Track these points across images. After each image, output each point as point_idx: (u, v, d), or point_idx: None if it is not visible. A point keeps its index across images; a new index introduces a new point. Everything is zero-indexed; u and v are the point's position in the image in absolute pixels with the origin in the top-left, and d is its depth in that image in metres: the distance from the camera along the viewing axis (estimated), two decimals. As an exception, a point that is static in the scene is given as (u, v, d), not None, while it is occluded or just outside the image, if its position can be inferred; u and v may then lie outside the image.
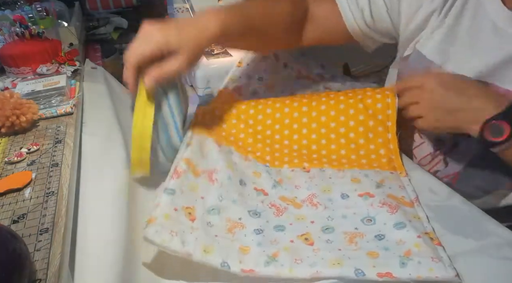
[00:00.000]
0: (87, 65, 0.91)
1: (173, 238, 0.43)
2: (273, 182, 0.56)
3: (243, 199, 0.52)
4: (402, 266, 0.42)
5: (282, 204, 0.53)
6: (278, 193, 0.55)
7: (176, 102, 0.56)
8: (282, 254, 0.44)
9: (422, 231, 0.46)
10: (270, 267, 0.43)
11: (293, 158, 0.62)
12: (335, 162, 0.61)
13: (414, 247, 0.44)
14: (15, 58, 0.81)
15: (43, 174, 0.50)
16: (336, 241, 0.47)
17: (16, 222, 0.42)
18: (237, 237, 0.47)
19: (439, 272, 0.41)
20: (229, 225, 0.48)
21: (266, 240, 0.47)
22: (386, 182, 0.55)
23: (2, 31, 0.89)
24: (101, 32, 1.23)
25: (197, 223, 0.47)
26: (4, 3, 1.10)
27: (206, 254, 0.43)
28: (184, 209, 0.48)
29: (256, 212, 0.51)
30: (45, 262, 0.36)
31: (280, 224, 0.49)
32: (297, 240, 0.47)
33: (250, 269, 0.43)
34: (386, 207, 0.50)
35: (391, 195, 0.52)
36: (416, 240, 0.45)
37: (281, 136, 0.65)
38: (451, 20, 0.59)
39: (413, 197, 0.53)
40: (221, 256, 0.43)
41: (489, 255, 0.45)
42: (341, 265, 0.43)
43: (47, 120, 0.64)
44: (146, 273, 0.44)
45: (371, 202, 0.51)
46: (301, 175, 0.58)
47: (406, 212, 0.50)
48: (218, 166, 0.55)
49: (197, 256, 0.43)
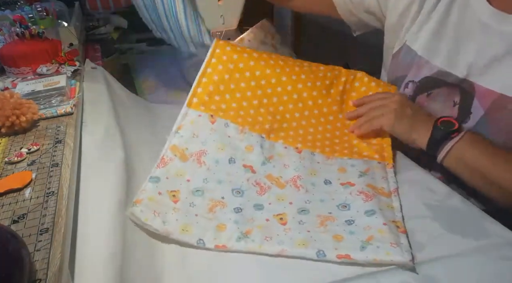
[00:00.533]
0: (87, 65, 0.91)
1: (155, 217, 0.47)
2: (263, 159, 0.59)
3: (229, 178, 0.55)
4: (361, 249, 0.44)
5: (266, 183, 0.56)
6: (266, 171, 0.57)
7: None
8: (255, 231, 0.48)
9: (390, 219, 0.49)
10: (241, 242, 0.46)
11: (288, 136, 0.64)
12: (327, 148, 0.63)
13: (377, 233, 0.46)
14: (15, 58, 0.81)
15: (43, 174, 0.50)
16: (308, 222, 0.50)
17: (16, 222, 0.42)
18: (216, 216, 0.50)
19: (394, 256, 0.43)
20: (210, 204, 0.51)
21: (243, 218, 0.50)
22: (370, 172, 0.58)
23: (2, 31, 0.89)
24: (101, 32, 1.23)
25: (180, 204, 0.50)
26: (4, 3, 1.10)
27: (184, 233, 0.47)
28: (169, 192, 0.52)
29: (240, 190, 0.54)
30: (45, 262, 0.36)
31: (260, 203, 0.53)
32: (273, 219, 0.50)
33: (223, 244, 0.46)
34: (362, 196, 0.53)
35: (371, 185, 0.55)
36: (381, 227, 0.47)
37: (284, 108, 0.67)
38: (438, 16, 0.60)
39: (393, 188, 0.55)
40: (198, 235, 0.47)
41: (489, 255, 0.45)
42: (305, 246, 0.46)
43: (47, 120, 0.64)
44: (146, 273, 0.44)
45: (350, 191, 0.54)
46: (292, 154, 0.61)
47: (381, 201, 0.52)
48: (208, 148, 0.58)
49: (175, 235, 0.47)
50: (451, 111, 0.62)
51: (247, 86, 0.66)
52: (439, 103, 0.64)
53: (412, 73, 0.65)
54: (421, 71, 0.64)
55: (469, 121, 0.59)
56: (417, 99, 0.66)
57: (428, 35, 0.62)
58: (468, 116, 0.59)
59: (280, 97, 0.67)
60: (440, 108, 0.64)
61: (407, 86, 0.67)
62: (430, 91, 0.64)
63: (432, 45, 0.62)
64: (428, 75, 0.63)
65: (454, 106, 0.61)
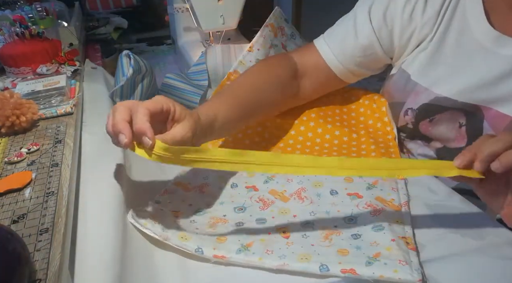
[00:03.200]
0: (87, 65, 0.91)
1: (155, 224, 0.47)
2: (265, 178, 0.58)
3: (231, 198, 0.55)
4: (367, 265, 0.42)
5: (270, 198, 0.55)
6: (269, 187, 0.56)
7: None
8: (256, 244, 0.46)
9: (399, 235, 0.46)
10: (241, 255, 0.45)
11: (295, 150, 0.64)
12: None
13: (385, 250, 0.44)
14: (15, 58, 0.81)
15: (43, 174, 0.50)
16: (312, 236, 0.48)
17: (16, 222, 0.42)
18: (217, 230, 0.49)
19: (402, 274, 0.40)
20: (212, 222, 0.50)
21: (245, 232, 0.49)
22: (379, 184, 0.56)
23: (2, 31, 0.89)
24: (101, 32, 1.23)
25: (180, 219, 0.50)
26: (4, 3, 1.11)
27: (183, 240, 0.46)
28: (170, 211, 0.51)
29: (242, 207, 0.53)
30: (45, 262, 0.36)
31: (263, 217, 0.51)
32: (275, 232, 0.49)
33: (222, 255, 0.45)
34: (370, 209, 0.51)
35: (379, 198, 0.53)
36: (390, 243, 0.45)
37: (285, 143, 0.68)
38: (435, 41, 0.58)
39: (403, 201, 0.53)
40: (196, 243, 0.46)
41: (488, 254, 0.45)
42: (308, 260, 0.44)
43: (47, 120, 0.64)
44: (146, 273, 0.44)
45: (357, 203, 0.52)
46: None
47: (389, 215, 0.50)
48: (209, 181, 0.58)
49: (174, 241, 0.46)
50: (457, 132, 0.60)
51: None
52: (444, 126, 0.61)
53: (411, 100, 0.63)
54: (419, 98, 0.61)
55: None
56: (420, 125, 0.64)
57: (424, 60, 0.60)
58: None
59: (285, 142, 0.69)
60: (445, 130, 0.61)
61: (406, 113, 0.65)
62: (432, 117, 0.61)
63: (428, 71, 0.60)
64: (427, 102, 0.60)
65: (460, 127, 0.59)
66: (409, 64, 0.62)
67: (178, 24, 1.06)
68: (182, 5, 1.02)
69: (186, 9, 0.98)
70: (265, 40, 0.81)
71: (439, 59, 0.59)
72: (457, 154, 0.56)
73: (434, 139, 0.63)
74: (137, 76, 0.71)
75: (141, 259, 0.44)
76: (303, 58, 0.68)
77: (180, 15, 1.04)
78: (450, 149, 0.61)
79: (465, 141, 0.59)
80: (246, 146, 0.67)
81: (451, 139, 0.61)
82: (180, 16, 1.04)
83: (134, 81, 0.71)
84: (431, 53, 0.59)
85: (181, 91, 0.80)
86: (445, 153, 0.62)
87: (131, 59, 0.69)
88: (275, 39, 0.83)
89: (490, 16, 0.54)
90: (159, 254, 0.47)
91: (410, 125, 0.65)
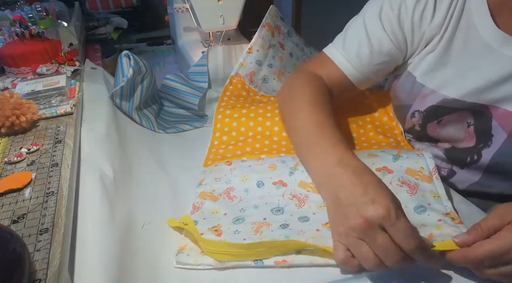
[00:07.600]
0: (87, 65, 0.91)
1: (204, 256, 0.46)
2: (289, 169, 0.56)
3: (264, 200, 0.54)
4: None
5: (302, 192, 0.53)
6: (296, 179, 0.55)
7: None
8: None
9: (443, 213, 0.47)
10: (300, 256, 0.44)
11: None
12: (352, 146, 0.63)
13: (436, 230, 0.44)
14: (15, 58, 0.81)
15: (43, 174, 0.50)
16: None
17: (16, 222, 0.42)
18: (265, 234, 0.47)
19: None
20: (255, 227, 0.49)
21: (294, 232, 0.47)
22: (403, 153, 0.55)
23: (2, 31, 0.89)
24: (101, 32, 1.23)
25: (224, 236, 0.48)
26: (4, 3, 1.11)
27: (238, 258, 0.45)
28: (210, 229, 0.49)
29: (279, 208, 0.52)
30: (45, 262, 0.36)
31: (304, 215, 0.50)
32: (323, 228, 0.48)
33: (283, 260, 0.44)
34: (405, 187, 0.50)
35: (410, 169, 0.52)
36: (437, 223, 0.45)
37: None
38: (444, 42, 0.58)
39: (432, 167, 0.52)
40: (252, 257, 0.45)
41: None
42: None
43: (47, 120, 0.64)
44: (146, 273, 0.44)
45: (390, 179, 0.51)
46: None
47: (425, 191, 0.50)
48: (233, 184, 0.57)
49: (230, 263, 0.45)
50: (465, 132, 0.59)
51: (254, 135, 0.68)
52: (452, 127, 0.61)
53: (417, 102, 0.63)
54: (426, 100, 0.61)
55: (492, 145, 0.57)
56: (427, 127, 0.64)
57: (432, 61, 0.60)
58: (490, 139, 0.57)
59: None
60: (453, 131, 0.61)
61: (413, 115, 0.64)
62: (440, 119, 0.61)
63: (435, 72, 0.60)
64: (434, 104, 0.60)
65: (469, 127, 0.59)
66: (415, 66, 0.62)
67: (178, 24, 1.06)
68: (182, 5, 1.02)
69: (186, 9, 0.98)
70: (263, 41, 0.81)
71: (447, 61, 0.58)
72: (466, 153, 0.55)
73: (442, 140, 0.63)
74: (137, 77, 0.71)
75: (141, 259, 0.44)
76: (329, 79, 0.66)
77: (180, 15, 1.04)
78: (459, 149, 0.61)
79: (474, 140, 0.59)
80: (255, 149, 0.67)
81: (460, 139, 0.60)
82: (180, 16, 1.04)
83: (134, 82, 0.71)
84: (440, 55, 0.59)
85: (180, 92, 0.80)
86: (454, 153, 0.62)
87: (131, 59, 0.69)
88: (273, 39, 0.83)
89: (495, 18, 0.54)
90: (159, 254, 0.47)
91: (417, 127, 0.65)
